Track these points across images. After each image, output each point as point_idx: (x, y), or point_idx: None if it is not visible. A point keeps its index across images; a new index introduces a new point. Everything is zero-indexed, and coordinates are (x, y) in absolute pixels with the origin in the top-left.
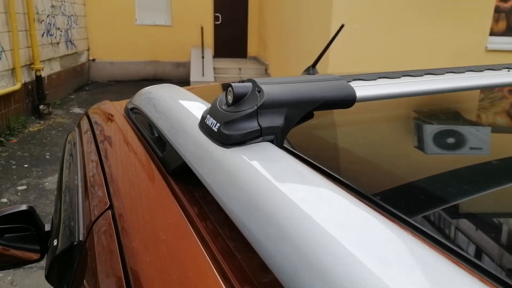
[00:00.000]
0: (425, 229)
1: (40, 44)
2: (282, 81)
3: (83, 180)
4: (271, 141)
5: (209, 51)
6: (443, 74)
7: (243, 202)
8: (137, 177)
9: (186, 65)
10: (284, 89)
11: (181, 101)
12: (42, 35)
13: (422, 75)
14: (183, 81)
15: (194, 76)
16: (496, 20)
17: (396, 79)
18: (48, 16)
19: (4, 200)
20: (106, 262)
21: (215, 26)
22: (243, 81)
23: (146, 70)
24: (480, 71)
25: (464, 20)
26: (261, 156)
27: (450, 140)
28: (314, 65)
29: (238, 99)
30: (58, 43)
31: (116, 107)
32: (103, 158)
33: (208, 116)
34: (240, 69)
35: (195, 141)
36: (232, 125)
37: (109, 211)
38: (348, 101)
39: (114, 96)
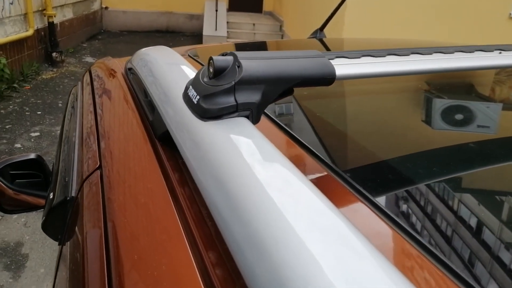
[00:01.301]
0: (389, 212)
1: None
2: (263, 56)
3: (80, 136)
4: (247, 117)
5: (223, 4)
6: (430, 54)
7: (210, 175)
8: (126, 139)
9: (200, 18)
10: (263, 65)
11: (172, 68)
12: None
13: (408, 54)
14: (196, 34)
15: (206, 30)
16: None
17: (381, 57)
18: None
19: (18, 145)
20: (92, 219)
21: None
22: (225, 54)
23: (159, 21)
24: (470, 51)
25: None
26: (233, 131)
27: (424, 117)
28: (322, 28)
29: (218, 72)
30: None
31: (118, 65)
32: (98, 117)
33: (190, 87)
34: (254, 24)
35: (177, 111)
36: (210, 99)
37: (98, 171)
38: (327, 79)
39: (126, 46)
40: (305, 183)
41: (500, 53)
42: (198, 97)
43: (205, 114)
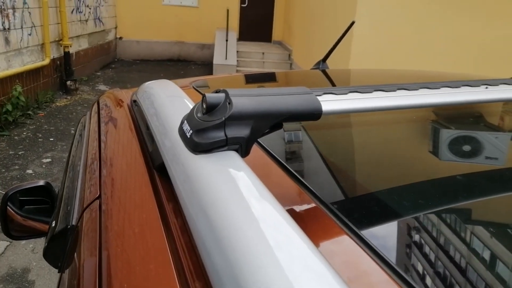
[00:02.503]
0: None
1: (69, 21)
2: (252, 94)
3: (84, 164)
4: (236, 150)
5: (233, 34)
6: (417, 89)
7: (195, 205)
8: (126, 168)
9: (211, 47)
10: (252, 102)
11: (171, 102)
12: (72, 12)
13: (394, 90)
14: (207, 63)
15: (217, 59)
16: None
17: (367, 93)
18: None
19: (30, 171)
20: (88, 247)
21: (241, 8)
22: (218, 91)
23: (171, 50)
24: (457, 87)
25: (498, 12)
26: (222, 164)
27: (414, 149)
28: (324, 59)
29: (211, 108)
30: (86, 20)
31: (125, 96)
32: (102, 145)
33: (185, 122)
34: (263, 53)
35: (172, 144)
36: (202, 133)
37: (98, 201)
38: (314, 114)
39: (138, 75)
40: (285, 219)
41: (486, 88)
42: (191, 131)
43: (196, 147)
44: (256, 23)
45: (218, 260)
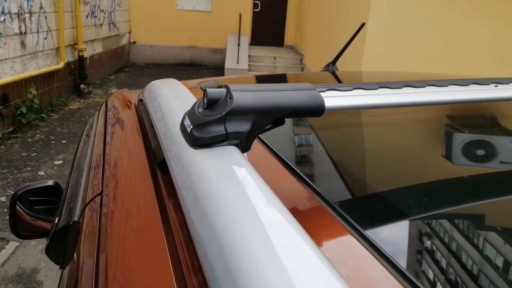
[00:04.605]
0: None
1: (84, 25)
2: (254, 89)
3: (89, 163)
4: (236, 145)
5: (246, 39)
6: (423, 87)
7: (193, 200)
8: (128, 165)
9: (223, 52)
10: (253, 97)
11: (176, 99)
12: (87, 16)
13: (400, 87)
14: (219, 67)
15: (228, 63)
16: None
17: (372, 90)
18: None
19: (42, 173)
20: (88, 244)
21: (254, 13)
22: (220, 87)
23: (183, 54)
24: (465, 85)
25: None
26: (221, 158)
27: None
28: (334, 61)
29: (212, 103)
30: (101, 25)
31: (133, 96)
32: (107, 144)
33: (186, 117)
34: (275, 58)
35: (173, 139)
36: (202, 128)
37: (99, 197)
38: (317, 110)
39: (151, 78)
40: (284, 215)
41: (496, 86)
42: (191, 126)
43: (196, 142)
44: (269, 27)
45: (212, 255)
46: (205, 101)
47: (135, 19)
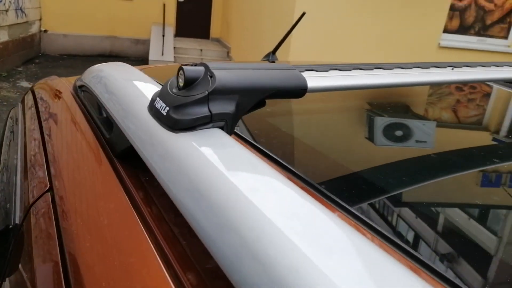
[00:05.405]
0: (365, 218)
1: None
2: (235, 67)
3: (23, 160)
4: (221, 128)
5: (170, 30)
6: (392, 69)
7: (189, 189)
8: (81, 158)
9: (146, 43)
10: (237, 76)
11: (132, 82)
12: None
13: (372, 69)
14: (142, 59)
15: (153, 55)
16: (450, 17)
17: (347, 71)
18: None
19: None
20: (43, 247)
21: (178, 4)
22: (195, 65)
23: (102, 45)
24: (427, 67)
25: (420, 15)
26: (210, 142)
27: (395, 133)
28: (274, 51)
29: (189, 83)
30: (6, 11)
31: (65, 84)
32: (46, 137)
33: (157, 99)
34: (201, 50)
35: (142, 124)
36: (182, 109)
37: (49, 194)
38: (299, 91)
39: (66, 71)
40: (292, 188)
41: (452, 69)
42: (167, 108)
43: (176, 125)
44: (194, 19)
45: (229, 239)
46: (181, 80)
47: (46, 5)
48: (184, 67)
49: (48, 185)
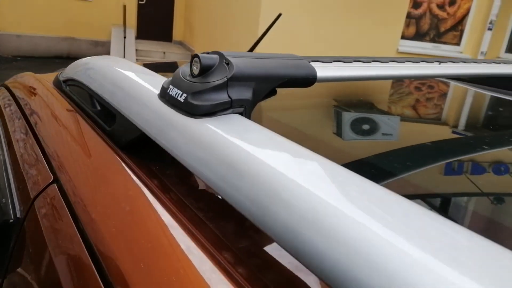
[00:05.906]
0: None
1: None
2: (248, 56)
3: (11, 158)
4: (240, 114)
5: (131, 32)
6: (387, 62)
7: (225, 171)
8: (84, 150)
9: (105, 45)
10: (252, 64)
11: (132, 72)
12: None
13: (370, 62)
14: None
15: None
16: (407, 25)
17: (349, 63)
18: None
19: None
20: (58, 239)
21: (139, 5)
22: (208, 53)
23: (59, 46)
24: (417, 62)
25: (381, 22)
26: (235, 127)
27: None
28: (251, 50)
29: (205, 70)
30: None
31: (41, 80)
32: (38, 132)
33: (170, 86)
34: (164, 53)
35: (156, 112)
36: (201, 95)
37: (54, 185)
38: (309, 79)
39: (20, 72)
40: (333, 166)
41: (439, 64)
42: (185, 95)
43: (196, 111)
44: (156, 21)
45: (286, 214)
46: (196, 68)
47: None
48: (200, 54)
49: (52, 177)
